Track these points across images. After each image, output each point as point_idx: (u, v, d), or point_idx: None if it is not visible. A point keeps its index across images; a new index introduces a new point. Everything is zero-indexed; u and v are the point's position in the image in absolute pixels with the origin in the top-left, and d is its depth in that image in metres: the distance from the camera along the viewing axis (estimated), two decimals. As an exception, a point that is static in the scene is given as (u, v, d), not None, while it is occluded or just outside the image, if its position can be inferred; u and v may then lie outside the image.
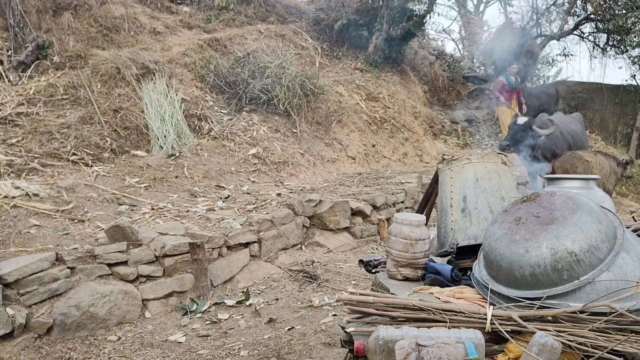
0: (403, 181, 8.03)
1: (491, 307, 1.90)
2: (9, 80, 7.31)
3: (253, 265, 5.24)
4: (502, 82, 11.78)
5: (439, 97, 14.25)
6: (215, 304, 4.50)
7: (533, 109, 11.95)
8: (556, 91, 13.56)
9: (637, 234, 2.22)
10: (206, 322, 4.15)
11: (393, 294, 2.26)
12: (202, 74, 8.85)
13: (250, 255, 5.31)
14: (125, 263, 4.28)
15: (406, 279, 2.51)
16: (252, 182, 7.15)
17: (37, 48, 7.77)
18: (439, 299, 2.13)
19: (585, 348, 1.62)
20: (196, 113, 7.99)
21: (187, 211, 5.64)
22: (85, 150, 6.56)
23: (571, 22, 14.43)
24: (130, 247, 4.38)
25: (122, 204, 5.61)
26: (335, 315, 4.16)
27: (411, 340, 1.65)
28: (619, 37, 13.61)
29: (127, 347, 3.73)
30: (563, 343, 1.61)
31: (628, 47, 13.57)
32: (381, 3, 11.60)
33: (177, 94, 7.90)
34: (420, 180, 8.18)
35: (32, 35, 7.83)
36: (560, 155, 7.13)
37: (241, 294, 4.67)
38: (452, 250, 2.65)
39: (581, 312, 1.74)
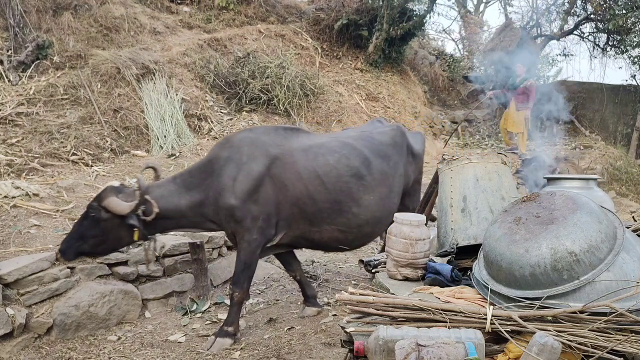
0: (403, 181, 8.02)
1: (491, 307, 1.90)
2: (9, 80, 7.31)
3: (253, 265, 5.23)
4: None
5: (439, 97, 14.26)
6: (215, 304, 4.50)
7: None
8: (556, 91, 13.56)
9: (637, 234, 2.22)
10: (206, 322, 4.15)
11: (393, 294, 2.26)
12: (202, 74, 8.85)
13: (250, 255, 5.30)
14: (125, 263, 4.28)
15: (406, 279, 2.52)
16: (252, 182, 7.14)
17: (37, 48, 7.77)
18: (439, 299, 2.13)
19: (585, 348, 1.62)
20: (196, 113, 7.99)
21: (187, 211, 5.63)
22: (85, 150, 6.56)
23: (571, 22, 14.45)
24: (130, 246, 4.38)
25: (122, 204, 5.60)
26: (335, 315, 4.16)
27: (411, 340, 1.65)
28: (619, 37, 13.61)
29: (127, 347, 3.72)
30: (563, 343, 1.61)
31: (628, 47, 13.56)
32: (381, 3, 11.60)
33: (177, 94, 7.89)
34: (420, 180, 8.17)
35: (32, 35, 7.83)
36: None
37: (241, 294, 4.67)
38: (452, 250, 2.65)
39: (581, 312, 1.74)
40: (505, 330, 1.74)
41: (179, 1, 11.34)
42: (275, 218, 3.55)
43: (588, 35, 14.65)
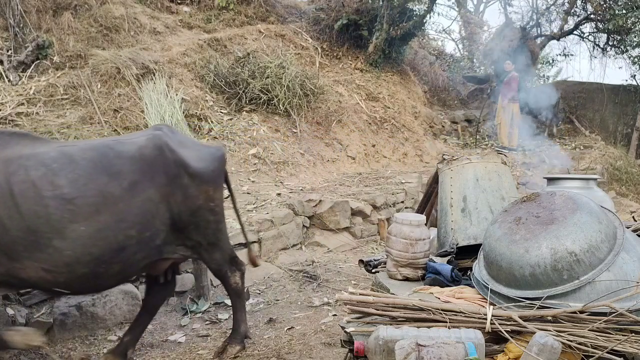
0: (403, 181, 8.03)
1: (491, 307, 1.90)
2: (9, 80, 7.31)
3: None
4: None
5: (439, 97, 14.26)
6: (215, 304, 4.50)
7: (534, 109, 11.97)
8: (556, 91, 13.57)
9: (637, 234, 2.22)
10: (206, 322, 4.15)
11: (393, 294, 2.27)
12: (202, 74, 8.85)
13: (250, 255, 5.30)
14: (125, 263, 4.27)
15: (406, 279, 2.52)
16: (252, 182, 7.15)
17: (37, 48, 7.77)
18: (439, 299, 2.13)
19: (585, 348, 1.62)
20: (196, 113, 7.99)
21: (187, 211, 5.63)
22: (85, 150, 6.56)
23: (571, 22, 14.43)
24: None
25: (122, 204, 5.60)
26: (335, 315, 4.16)
27: (411, 340, 1.65)
28: (619, 37, 13.61)
29: (127, 347, 3.72)
30: (563, 343, 1.61)
31: (628, 47, 13.56)
32: (381, 3, 11.60)
33: (177, 94, 7.89)
34: (420, 180, 8.18)
35: (32, 35, 7.83)
36: None
37: (241, 294, 4.67)
38: (452, 250, 2.66)
39: (581, 312, 1.74)
40: (505, 330, 1.74)
41: (179, 1, 11.34)
42: None
43: (588, 35, 14.64)
